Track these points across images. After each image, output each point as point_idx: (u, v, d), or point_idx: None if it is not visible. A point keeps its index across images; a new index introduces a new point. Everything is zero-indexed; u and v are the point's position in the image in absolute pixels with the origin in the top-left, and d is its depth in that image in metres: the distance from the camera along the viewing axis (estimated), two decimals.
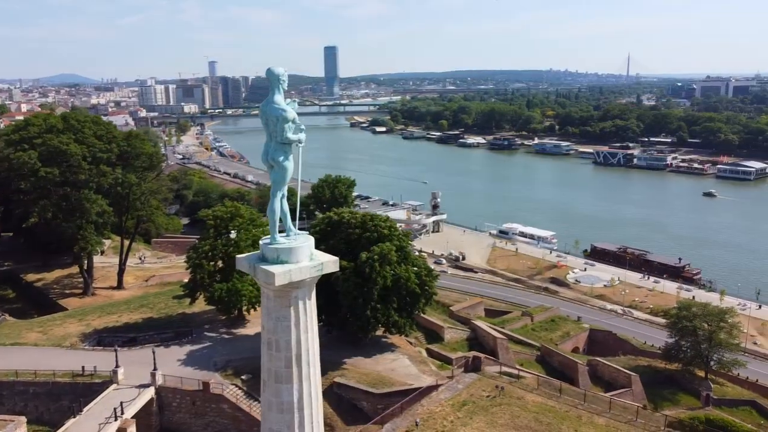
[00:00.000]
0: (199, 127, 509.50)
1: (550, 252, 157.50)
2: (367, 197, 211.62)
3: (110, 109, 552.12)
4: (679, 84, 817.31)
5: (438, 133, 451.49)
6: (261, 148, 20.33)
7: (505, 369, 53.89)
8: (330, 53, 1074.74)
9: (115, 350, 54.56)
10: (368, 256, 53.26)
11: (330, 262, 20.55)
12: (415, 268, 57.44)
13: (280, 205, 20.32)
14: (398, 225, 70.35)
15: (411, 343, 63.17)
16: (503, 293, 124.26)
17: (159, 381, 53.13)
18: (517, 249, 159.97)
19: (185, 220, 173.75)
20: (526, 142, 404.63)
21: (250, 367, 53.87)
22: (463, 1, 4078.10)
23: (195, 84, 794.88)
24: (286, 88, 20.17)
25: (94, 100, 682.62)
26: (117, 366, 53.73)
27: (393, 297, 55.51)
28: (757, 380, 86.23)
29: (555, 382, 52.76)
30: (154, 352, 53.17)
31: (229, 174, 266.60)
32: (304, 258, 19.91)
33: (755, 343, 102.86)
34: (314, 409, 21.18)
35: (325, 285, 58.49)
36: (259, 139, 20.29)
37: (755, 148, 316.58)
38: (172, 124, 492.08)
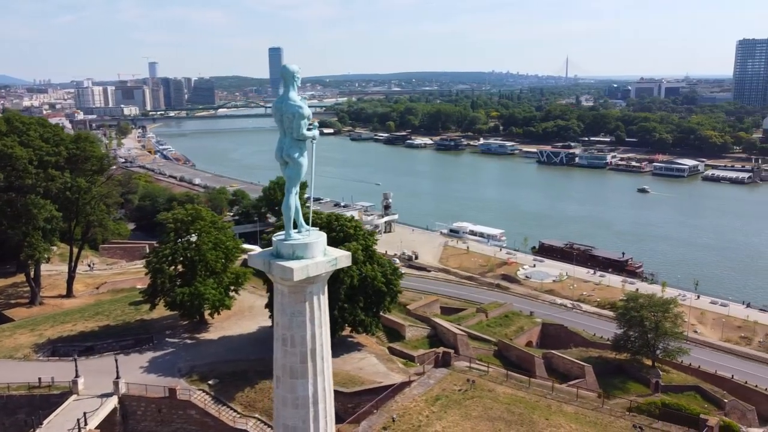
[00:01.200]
0: (140, 130, 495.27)
1: (500, 249, 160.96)
2: (318, 199, 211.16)
3: (45, 112, 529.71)
4: (615, 85, 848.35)
5: (385, 135, 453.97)
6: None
7: (474, 364, 55.06)
8: (275, 55, 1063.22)
9: (75, 360, 52.96)
10: None
11: (343, 257, 20.92)
12: (381, 267, 58.02)
13: (295, 201, 20.52)
14: None
15: (375, 342, 63.77)
16: (457, 291, 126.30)
17: (122, 389, 51.91)
18: (468, 247, 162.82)
19: (131, 225, 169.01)
20: (472, 143, 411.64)
21: (217, 371, 53.41)
22: (407, 3, 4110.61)
23: (135, 85, 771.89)
24: (299, 85, 20.43)
25: (26, 102, 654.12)
26: (77, 376, 52.20)
27: (359, 296, 55.94)
28: (699, 366, 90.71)
29: (520, 376, 54.24)
30: (116, 360, 51.93)
31: (175, 177, 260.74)
32: (318, 253, 20.20)
33: (696, 332, 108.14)
34: (328, 404, 21.40)
35: None
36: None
37: (687, 147, 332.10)
38: (112, 127, 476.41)
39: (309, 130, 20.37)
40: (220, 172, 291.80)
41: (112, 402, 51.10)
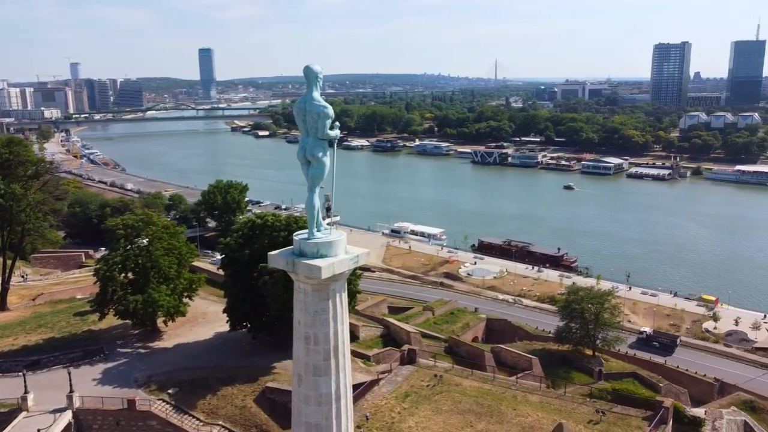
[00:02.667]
0: (63, 134, 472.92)
1: (441, 248, 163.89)
2: (258, 202, 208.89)
3: None
4: (542, 87, 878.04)
5: None
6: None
7: (439, 362, 56.05)
8: (205, 56, 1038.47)
9: (23, 375, 50.68)
10: None
11: (363, 254, 21.31)
12: None
13: (318, 200, 20.60)
14: None
15: None
16: (402, 290, 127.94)
17: (76, 403, 50.07)
18: (410, 247, 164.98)
19: (61, 233, 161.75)
20: (407, 144, 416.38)
21: (175, 380, 52.38)
22: (338, 5, 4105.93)
23: (56, 87, 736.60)
24: (321, 86, 20.51)
25: None
26: (26, 392, 50.00)
27: None
28: (635, 354, 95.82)
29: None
30: (69, 373, 50.05)
31: (105, 183, 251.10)
32: (341, 251, 20.50)
33: (629, 321, 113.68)
34: (348, 400, 21.56)
35: (250, 290, 58.22)
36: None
37: (612, 146, 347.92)
38: (32, 131, 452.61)
39: (331, 129, 20.37)
40: (153, 176, 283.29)
41: (67, 417, 49.27)
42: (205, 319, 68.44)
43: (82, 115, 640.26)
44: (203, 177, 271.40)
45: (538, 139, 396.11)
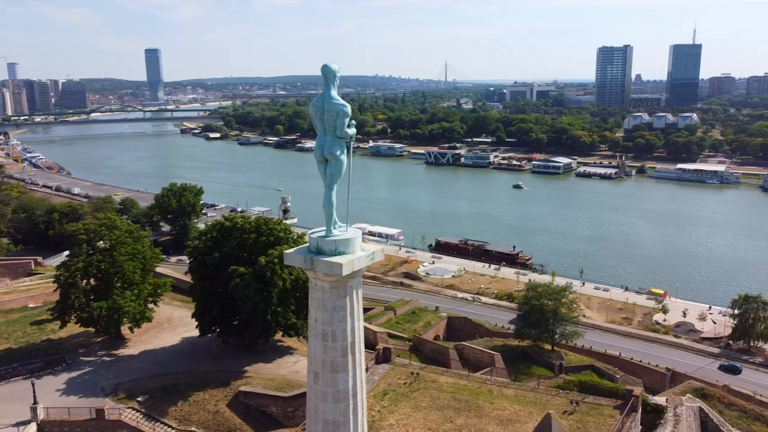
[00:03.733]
0: (2, 137, 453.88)
1: (400, 248, 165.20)
2: (213, 205, 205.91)
3: None
4: (492, 89, 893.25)
5: (275, 138, 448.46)
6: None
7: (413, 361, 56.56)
8: (152, 56, 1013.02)
9: None
10: (268, 259, 53.28)
11: (378, 251, 21.47)
12: None
13: (335, 198, 20.71)
14: None
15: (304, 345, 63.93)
16: (363, 291, 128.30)
17: (41, 415, 48.44)
18: None
19: (5, 239, 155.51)
20: (361, 145, 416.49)
21: (144, 387, 51.34)
22: (288, 5, 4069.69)
23: None
24: (338, 85, 20.60)
25: None
26: None
27: (291, 299, 56.12)
28: (591, 347, 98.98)
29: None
30: (33, 384, 48.42)
31: (50, 187, 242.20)
32: (357, 248, 20.68)
33: (584, 316, 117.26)
34: (364, 395, 21.69)
35: (219, 294, 57.65)
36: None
37: (561, 146, 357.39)
38: None
39: (349, 128, 20.58)
40: (100, 180, 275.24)
41: (31, 429, 47.67)
42: (170, 324, 67.19)
43: (21, 118, 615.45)
44: (154, 180, 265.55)
45: (489, 140, 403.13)
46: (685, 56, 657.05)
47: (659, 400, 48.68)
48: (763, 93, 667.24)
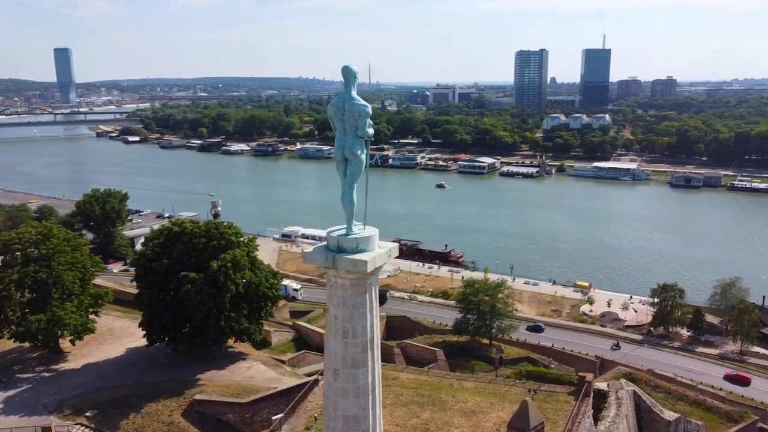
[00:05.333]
0: None
1: None
2: (138, 211, 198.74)
3: None
4: (415, 91, 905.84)
5: (199, 141, 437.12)
6: None
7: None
8: (62, 56, 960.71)
9: None
10: (220, 264, 52.50)
11: (395, 248, 22.01)
12: (262, 272, 58.11)
13: (356, 197, 20.95)
14: None
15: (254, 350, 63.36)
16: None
17: None
18: (302, 251, 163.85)
19: None
20: (289, 148, 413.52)
21: (92, 402, 49.40)
22: (206, 5, 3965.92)
23: None
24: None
25: None
26: None
27: (243, 304, 55.55)
28: (525, 340, 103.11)
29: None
30: None
31: None
32: (375, 246, 21.13)
33: (516, 310, 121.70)
34: (380, 389, 22.23)
35: (168, 302, 56.32)
36: None
37: (484, 146, 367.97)
38: None
39: (369, 128, 20.91)
40: (11, 187, 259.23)
41: None
42: (112, 335, 64.77)
43: None
44: (71, 187, 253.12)
45: (415, 141, 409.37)
46: (596, 60, 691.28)
47: (602, 385, 51.86)
48: (666, 95, 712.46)
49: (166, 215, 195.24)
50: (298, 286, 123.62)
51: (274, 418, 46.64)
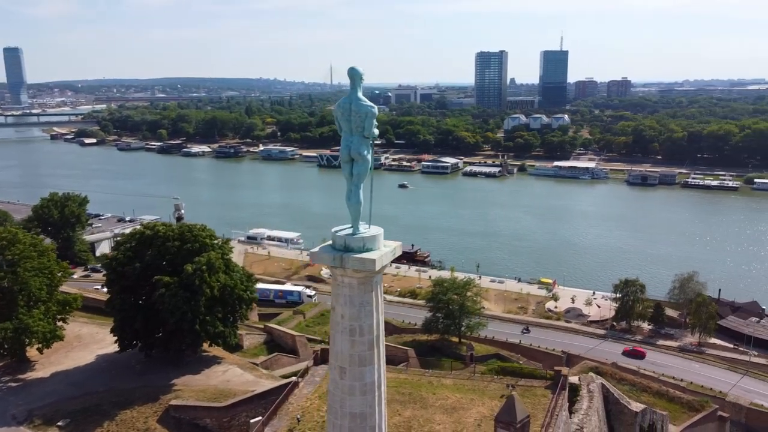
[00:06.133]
0: None
1: (301, 252, 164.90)
2: (97, 215, 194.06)
3: None
4: (377, 92, 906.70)
5: (158, 143, 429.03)
6: None
7: None
8: (12, 56, 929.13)
9: None
10: (195, 267, 51.86)
11: (398, 247, 22.14)
12: (236, 274, 57.66)
13: (362, 197, 21.05)
14: None
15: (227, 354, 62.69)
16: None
17: None
18: (269, 253, 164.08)
19: None
20: (251, 149, 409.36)
21: (64, 411, 48.20)
22: (163, 5, 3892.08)
23: None
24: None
25: None
26: None
27: (218, 307, 55.00)
28: (493, 337, 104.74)
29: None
30: None
31: None
32: (381, 245, 21.31)
33: (483, 308, 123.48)
34: (385, 386, 22.46)
35: (141, 307, 55.44)
36: None
37: (447, 147, 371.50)
38: None
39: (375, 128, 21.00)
40: None
41: None
42: (81, 342, 63.23)
43: None
44: (25, 191, 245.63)
45: (379, 142, 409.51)
46: (555, 61, 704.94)
47: (573, 379, 53.25)
48: (622, 95, 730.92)
49: (127, 219, 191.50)
50: (312, 293, 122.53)
51: (252, 421, 46.49)
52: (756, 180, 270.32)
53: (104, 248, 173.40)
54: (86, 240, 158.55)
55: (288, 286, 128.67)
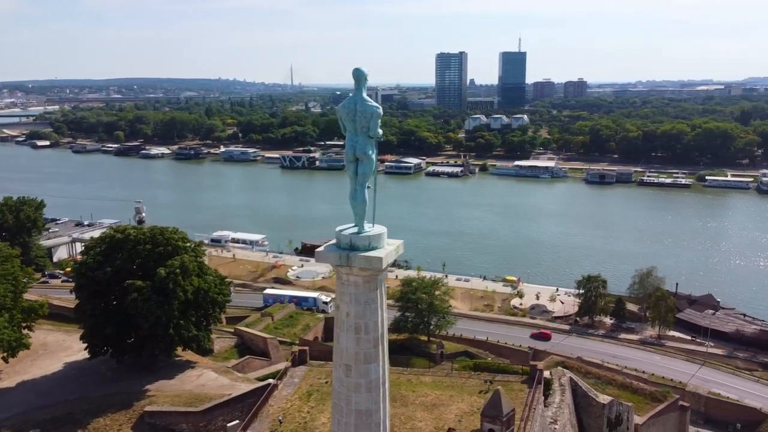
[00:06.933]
0: None
1: (266, 254, 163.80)
2: (54, 219, 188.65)
3: None
4: (338, 93, 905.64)
5: (115, 145, 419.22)
6: None
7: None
8: None
9: None
10: (168, 270, 51.05)
11: (401, 245, 22.37)
12: (210, 277, 56.99)
13: (368, 196, 21.15)
14: None
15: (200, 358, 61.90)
16: (234, 299, 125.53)
17: None
18: (234, 255, 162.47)
19: None
20: (212, 151, 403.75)
21: (34, 421, 46.89)
22: (117, 4, 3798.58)
23: None
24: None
25: None
26: None
27: (191, 311, 54.28)
28: (461, 335, 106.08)
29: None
30: None
31: None
32: (385, 243, 21.53)
33: (450, 306, 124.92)
34: (388, 383, 22.66)
35: (112, 312, 54.39)
36: None
37: (409, 147, 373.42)
38: None
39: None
40: None
41: None
42: (46, 350, 61.52)
43: None
44: None
45: (342, 143, 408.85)
46: (513, 62, 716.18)
47: (545, 374, 54.57)
48: (578, 96, 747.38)
49: (86, 223, 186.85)
50: (328, 299, 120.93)
51: (229, 425, 46.20)
52: (707, 177, 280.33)
53: (62, 253, 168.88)
54: (43, 245, 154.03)
55: (303, 292, 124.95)
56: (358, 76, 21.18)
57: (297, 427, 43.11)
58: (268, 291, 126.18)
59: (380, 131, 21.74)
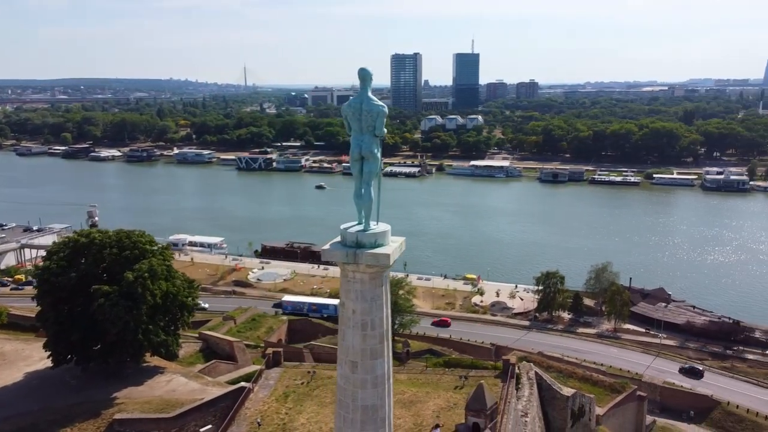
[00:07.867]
0: None
1: (225, 257, 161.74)
2: (0, 225, 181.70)
3: None
4: (293, 93, 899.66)
5: (63, 148, 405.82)
6: None
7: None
8: None
9: None
10: (136, 274, 49.92)
11: (403, 241, 22.46)
12: (178, 281, 56.06)
13: (374, 194, 21.22)
14: None
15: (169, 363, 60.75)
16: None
17: None
18: (192, 259, 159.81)
19: None
20: (165, 153, 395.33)
21: (14, 426, 45.28)
22: (61, 2, 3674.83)
23: None
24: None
25: None
26: None
27: (160, 315, 53.28)
28: (425, 333, 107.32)
29: None
30: None
31: None
32: (389, 240, 21.63)
33: (413, 305, 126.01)
34: (392, 379, 22.77)
35: (78, 319, 53.01)
36: None
37: None
38: None
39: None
40: None
41: None
42: (5, 360, 59.35)
43: None
44: None
45: (298, 144, 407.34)
46: (467, 64, 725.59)
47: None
48: (530, 97, 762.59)
49: (35, 228, 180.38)
50: None
51: (201, 430, 45.68)
52: (654, 175, 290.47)
53: (10, 260, 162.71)
54: None
55: (323, 299, 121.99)
56: (364, 75, 21.45)
57: (276, 428, 43.03)
58: (287, 298, 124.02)
59: (384, 130, 21.90)
